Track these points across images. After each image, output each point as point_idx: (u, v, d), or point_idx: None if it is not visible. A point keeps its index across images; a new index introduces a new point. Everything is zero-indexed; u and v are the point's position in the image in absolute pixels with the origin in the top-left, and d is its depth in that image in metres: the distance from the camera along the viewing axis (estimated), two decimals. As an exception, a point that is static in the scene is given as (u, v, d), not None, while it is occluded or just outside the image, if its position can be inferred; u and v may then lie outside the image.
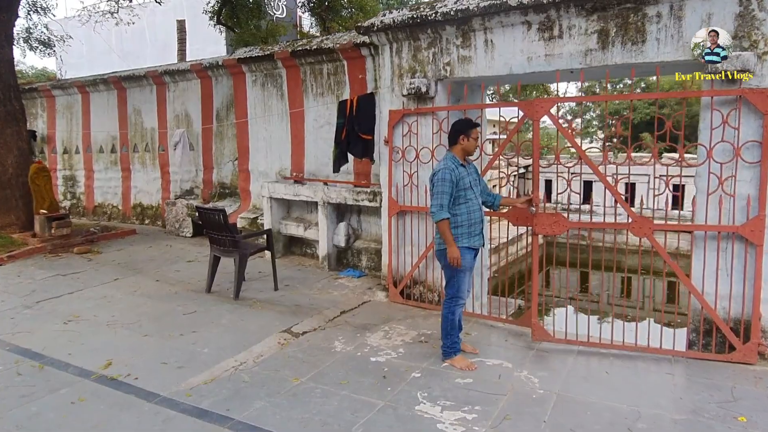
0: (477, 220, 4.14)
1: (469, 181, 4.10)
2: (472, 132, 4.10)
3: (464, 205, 4.07)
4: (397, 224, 5.77)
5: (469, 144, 4.10)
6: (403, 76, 5.63)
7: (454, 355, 4.24)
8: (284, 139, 7.80)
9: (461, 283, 4.16)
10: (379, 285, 6.32)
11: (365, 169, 6.93)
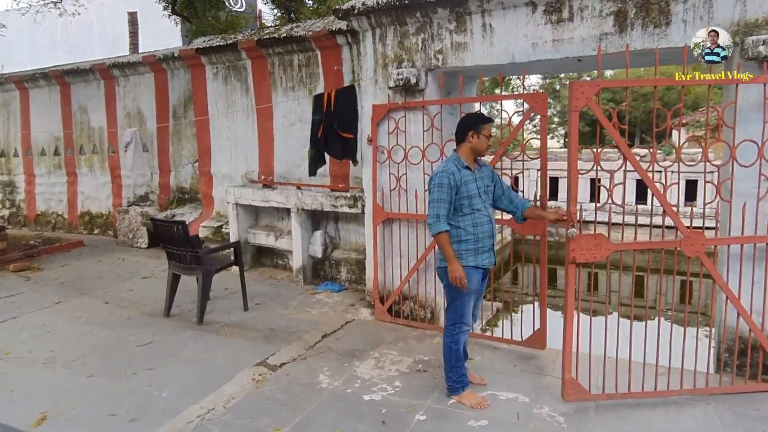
0: (486, 235, 3.49)
1: (477, 187, 3.47)
2: (483, 128, 3.45)
3: (469, 216, 3.45)
4: (384, 233, 5.11)
5: (480, 142, 3.45)
6: (388, 66, 4.97)
7: (461, 391, 3.61)
8: (250, 138, 7.03)
9: (465, 307, 3.52)
10: (362, 301, 5.64)
11: (343, 172, 6.24)
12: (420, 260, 4.91)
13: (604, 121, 2.98)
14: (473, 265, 3.45)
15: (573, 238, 3.19)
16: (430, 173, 4.77)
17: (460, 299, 3.49)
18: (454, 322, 3.55)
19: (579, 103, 3.07)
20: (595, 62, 4.59)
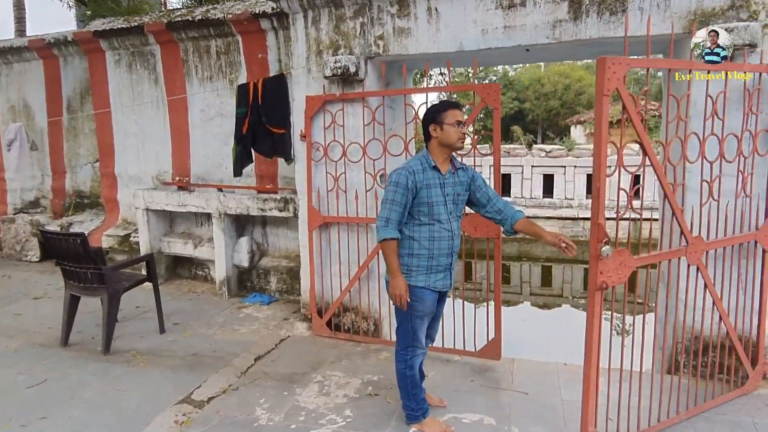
0: (444, 252, 2.92)
1: (444, 193, 2.90)
2: (445, 116, 2.85)
3: (427, 228, 2.89)
4: (320, 239, 4.59)
5: (446, 134, 2.84)
6: (322, 53, 4.45)
7: (422, 418, 3.17)
8: (162, 134, 6.23)
9: (417, 330, 3.01)
10: (297, 314, 5.09)
11: (271, 171, 5.64)
12: (362, 268, 4.44)
13: (630, 109, 2.62)
14: (422, 286, 2.92)
15: (604, 259, 2.61)
16: (371, 172, 4.31)
17: (410, 321, 2.98)
18: (406, 346, 3.06)
19: (611, 85, 2.52)
20: (543, 53, 4.36)
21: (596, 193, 2.52)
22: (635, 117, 2.65)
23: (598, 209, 2.52)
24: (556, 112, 30.17)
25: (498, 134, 3.97)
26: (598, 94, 2.53)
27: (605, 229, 2.56)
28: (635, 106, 2.68)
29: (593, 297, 2.60)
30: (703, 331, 3.51)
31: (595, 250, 2.56)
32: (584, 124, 24.57)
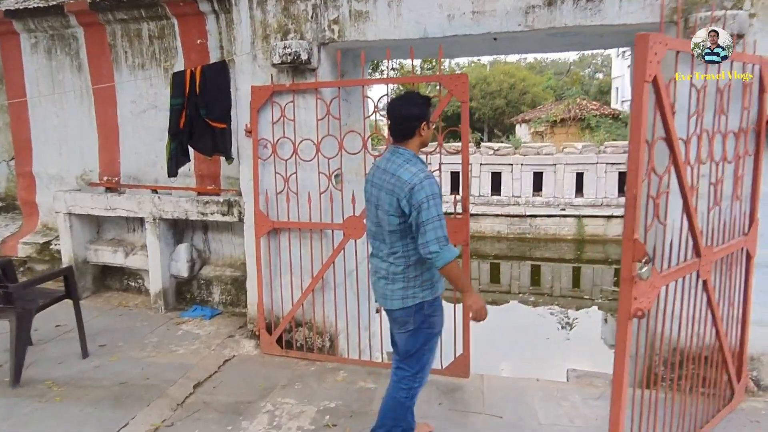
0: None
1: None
2: (431, 113, 2.66)
3: None
4: (269, 247, 4.10)
5: (428, 135, 2.63)
6: (270, 38, 3.96)
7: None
8: (87, 128, 5.54)
9: (434, 353, 2.77)
10: (243, 329, 4.58)
11: (213, 171, 5.07)
12: (316, 278, 3.99)
13: (668, 105, 2.25)
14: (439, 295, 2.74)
15: (639, 282, 2.24)
16: (326, 172, 3.86)
17: (434, 341, 2.72)
18: (417, 372, 2.71)
19: (653, 70, 2.13)
20: (512, 43, 4.02)
21: (631, 201, 2.13)
22: (668, 108, 2.29)
23: (634, 222, 2.13)
24: (502, 110, 30.48)
25: (466, 130, 3.60)
26: (637, 80, 2.15)
27: (644, 246, 2.16)
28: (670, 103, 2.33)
29: (624, 328, 2.23)
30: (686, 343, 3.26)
31: (629, 271, 2.18)
32: (529, 123, 24.87)
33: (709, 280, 2.88)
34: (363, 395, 3.55)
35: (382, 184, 2.55)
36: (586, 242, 14.09)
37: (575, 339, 8.09)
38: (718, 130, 2.86)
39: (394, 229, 2.53)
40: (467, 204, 3.62)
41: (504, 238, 14.53)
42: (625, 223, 2.25)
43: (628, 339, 2.32)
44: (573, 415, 3.36)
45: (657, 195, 2.43)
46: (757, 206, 3.24)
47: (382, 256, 2.66)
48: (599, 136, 19.65)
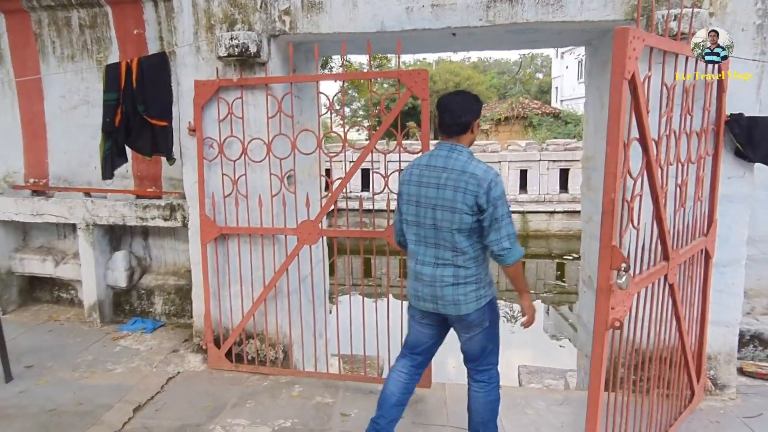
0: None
1: None
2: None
3: None
4: (216, 254, 3.81)
5: (477, 134, 2.64)
6: (214, 28, 3.66)
7: None
8: (10, 125, 5.03)
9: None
10: (189, 343, 4.26)
11: (153, 172, 4.70)
12: (269, 287, 3.73)
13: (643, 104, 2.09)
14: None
15: (617, 291, 2.13)
16: (278, 173, 3.61)
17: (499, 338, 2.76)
18: (497, 364, 2.79)
19: (632, 67, 2.02)
20: (470, 39, 3.89)
21: (608, 206, 2.00)
22: (645, 116, 2.18)
23: (612, 227, 2.00)
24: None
25: (427, 129, 3.44)
26: (615, 77, 2.01)
27: (622, 254, 2.04)
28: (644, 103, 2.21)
29: (601, 340, 2.11)
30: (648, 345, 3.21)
31: (606, 279, 2.06)
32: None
33: (675, 283, 2.83)
34: (320, 412, 3.33)
35: (445, 183, 2.44)
36: (530, 237, 14.38)
37: (520, 332, 8.17)
38: (684, 131, 2.80)
39: (463, 228, 2.44)
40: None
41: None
42: (602, 229, 2.13)
43: (604, 351, 2.21)
44: (539, 423, 3.26)
45: (631, 198, 2.33)
46: (715, 207, 3.24)
47: (443, 262, 2.53)
48: (541, 134, 20.13)
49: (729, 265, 3.43)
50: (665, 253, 2.68)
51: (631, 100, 2.18)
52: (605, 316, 2.16)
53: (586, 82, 4.41)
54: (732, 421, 3.25)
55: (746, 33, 3.21)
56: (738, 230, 3.40)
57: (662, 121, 2.55)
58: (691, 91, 2.80)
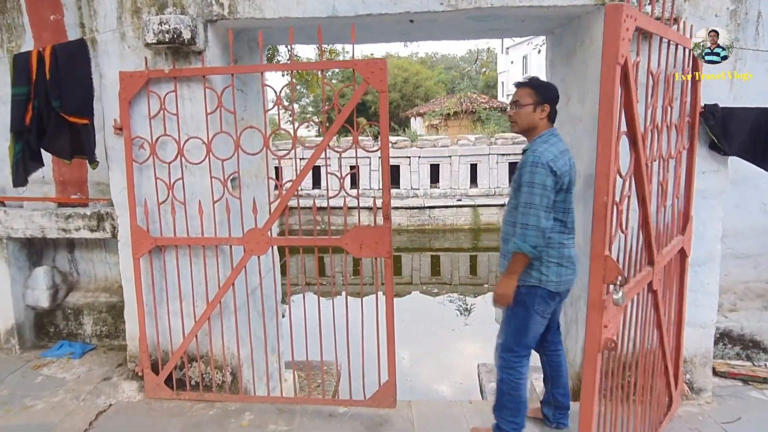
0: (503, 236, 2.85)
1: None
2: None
3: None
4: (152, 268, 3.37)
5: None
6: (141, 12, 3.21)
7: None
8: None
9: None
10: (123, 368, 3.80)
11: (77, 176, 4.17)
12: (213, 303, 3.33)
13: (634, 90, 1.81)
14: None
15: (610, 307, 1.90)
16: (221, 176, 3.21)
17: None
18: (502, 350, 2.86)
19: (625, 50, 1.78)
20: (431, 27, 3.59)
21: (600, 210, 1.73)
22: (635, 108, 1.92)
23: (604, 235, 1.73)
24: (397, 104, 30.67)
25: (386, 124, 3.12)
26: (606, 62, 1.74)
27: (617, 265, 1.77)
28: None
29: (594, 362, 1.84)
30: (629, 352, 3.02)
31: (599, 294, 1.78)
32: (423, 116, 25.14)
33: (659, 288, 2.63)
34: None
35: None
36: (481, 231, 14.48)
37: (475, 324, 8.37)
38: (666, 123, 2.60)
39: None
40: (389, 210, 3.14)
41: (404, 231, 14.52)
42: (593, 237, 1.86)
43: (597, 373, 1.95)
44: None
45: (620, 200, 2.08)
46: (691, 204, 3.06)
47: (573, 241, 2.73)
48: (490, 129, 20.27)
49: (704, 264, 3.29)
50: (650, 258, 2.46)
51: (622, 90, 1.92)
52: (597, 336, 1.90)
53: (548, 73, 4.19)
54: (711, 428, 3.10)
55: (719, 19, 3.05)
56: (712, 227, 3.26)
57: (648, 113, 2.32)
58: (672, 80, 2.60)
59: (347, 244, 3.17)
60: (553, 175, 2.50)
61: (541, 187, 2.47)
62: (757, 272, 4.09)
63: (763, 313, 4.02)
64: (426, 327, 7.90)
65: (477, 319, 8.68)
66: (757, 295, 4.08)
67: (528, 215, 2.49)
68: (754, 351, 3.98)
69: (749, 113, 3.06)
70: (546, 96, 2.69)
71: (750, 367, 3.82)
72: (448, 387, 6.03)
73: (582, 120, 3.51)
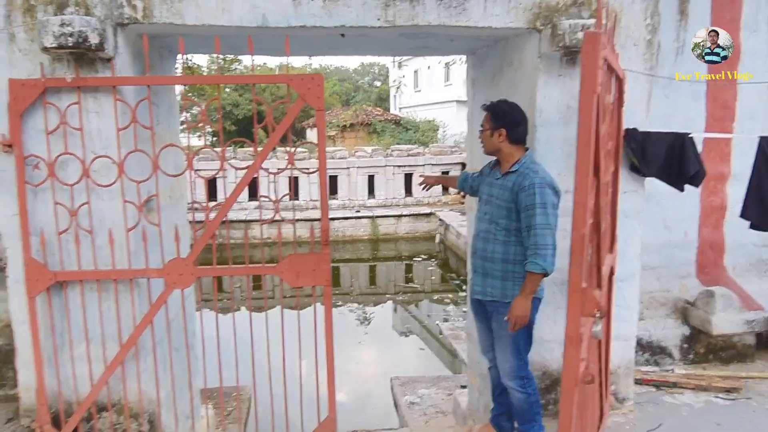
0: (473, 251, 2.98)
1: (488, 192, 2.91)
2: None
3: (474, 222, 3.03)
4: (51, 307, 2.90)
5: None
6: (36, 11, 2.77)
7: None
8: None
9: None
10: (13, 425, 3.25)
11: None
12: (128, 345, 2.93)
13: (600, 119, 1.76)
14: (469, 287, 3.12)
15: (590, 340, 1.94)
16: (136, 200, 2.85)
17: None
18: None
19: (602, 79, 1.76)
20: (363, 42, 3.48)
21: (578, 243, 1.70)
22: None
23: (581, 268, 1.69)
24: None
25: (323, 143, 2.95)
26: (585, 92, 1.75)
27: (595, 298, 1.74)
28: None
29: (571, 396, 1.79)
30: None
31: (576, 328, 1.74)
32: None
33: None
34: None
35: None
36: (380, 241, 14.65)
37: (378, 334, 8.54)
38: (605, 147, 2.68)
39: None
40: (327, 236, 2.96)
41: (305, 243, 14.22)
42: (571, 270, 1.84)
43: (574, 408, 1.92)
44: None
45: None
46: (617, 222, 3.21)
47: None
48: (385, 141, 20.62)
49: (625, 280, 3.45)
50: (599, 282, 2.51)
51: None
52: (575, 371, 1.87)
53: (470, 92, 4.23)
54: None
55: (638, 48, 3.22)
56: (633, 245, 3.44)
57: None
58: (610, 108, 2.69)
59: (283, 273, 2.94)
60: (556, 194, 2.64)
61: (552, 207, 2.59)
62: (660, 283, 4.41)
63: (666, 320, 4.33)
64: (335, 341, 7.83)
65: (379, 329, 8.82)
66: (661, 303, 4.40)
67: (546, 236, 2.55)
68: (660, 357, 4.28)
69: (665, 137, 3.27)
70: (502, 121, 2.78)
71: (660, 373, 4.09)
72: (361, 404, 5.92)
73: (511, 141, 3.55)
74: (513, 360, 2.80)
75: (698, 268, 4.40)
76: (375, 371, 6.71)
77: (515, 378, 2.81)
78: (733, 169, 4.27)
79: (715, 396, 3.71)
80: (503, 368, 2.85)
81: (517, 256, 2.73)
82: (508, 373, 2.82)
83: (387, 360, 7.20)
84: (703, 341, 4.21)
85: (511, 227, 2.71)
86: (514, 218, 2.70)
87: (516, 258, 2.73)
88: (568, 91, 3.15)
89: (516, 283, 2.72)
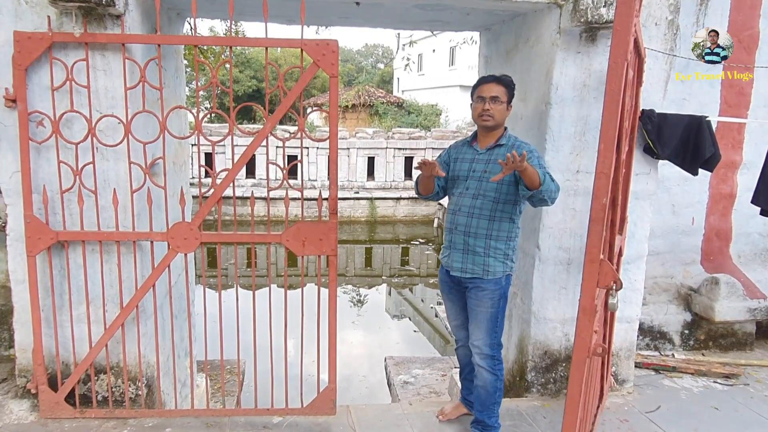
0: (455, 229, 2.81)
1: (470, 168, 2.80)
2: (474, 91, 2.78)
3: (451, 200, 2.89)
4: (51, 267, 2.86)
5: (472, 110, 2.80)
6: (44, -38, 2.69)
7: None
8: None
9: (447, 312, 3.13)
10: (9, 384, 3.24)
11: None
12: (129, 308, 2.89)
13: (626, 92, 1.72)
14: (443, 264, 2.95)
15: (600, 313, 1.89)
16: (142, 162, 2.79)
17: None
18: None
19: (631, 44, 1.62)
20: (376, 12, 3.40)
21: (599, 213, 1.65)
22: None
23: (600, 239, 1.66)
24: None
25: (335, 112, 2.90)
26: (615, 60, 1.65)
27: (613, 269, 1.71)
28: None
29: (581, 367, 1.76)
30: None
31: (591, 299, 1.71)
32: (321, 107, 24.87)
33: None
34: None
35: None
36: (377, 223, 14.64)
37: (372, 316, 8.58)
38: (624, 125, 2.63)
39: None
40: (335, 205, 2.92)
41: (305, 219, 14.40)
42: (589, 240, 1.80)
43: (584, 379, 1.90)
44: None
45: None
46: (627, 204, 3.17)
47: None
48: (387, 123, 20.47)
49: (632, 262, 3.43)
50: (610, 257, 2.48)
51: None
52: (587, 342, 1.85)
53: (482, 70, 4.16)
54: (637, 418, 3.26)
55: (659, 27, 3.15)
56: (642, 227, 3.41)
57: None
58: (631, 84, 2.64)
59: (288, 241, 2.90)
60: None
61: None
62: (664, 269, 4.39)
63: (668, 306, 4.32)
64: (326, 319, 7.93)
65: (374, 310, 8.86)
66: (664, 289, 4.38)
67: (554, 181, 2.56)
68: (661, 342, 4.28)
69: (681, 120, 3.22)
70: (511, 95, 2.78)
71: (660, 357, 4.09)
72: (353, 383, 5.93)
73: (522, 118, 3.51)
74: (487, 337, 2.75)
75: (703, 255, 4.38)
76: (367, 352, 6.72)
77: (487, 357, 2.76)
78: (744, 157, 4.23)
79: (714, 381, 3.71)
80: (476, 346, 2.79)
81: (501, 232, 2.70)
82: (481, 350, 2.76)
83: (379, 341, 7.21)
84: (704, 328, 4.21)
85: (500, 199, 2.67)
86: (504, 190, 2.66)
87: (500, 234, 2.70)
88: (585, 68, 3.09)
89: (497, 259, 2.70)
